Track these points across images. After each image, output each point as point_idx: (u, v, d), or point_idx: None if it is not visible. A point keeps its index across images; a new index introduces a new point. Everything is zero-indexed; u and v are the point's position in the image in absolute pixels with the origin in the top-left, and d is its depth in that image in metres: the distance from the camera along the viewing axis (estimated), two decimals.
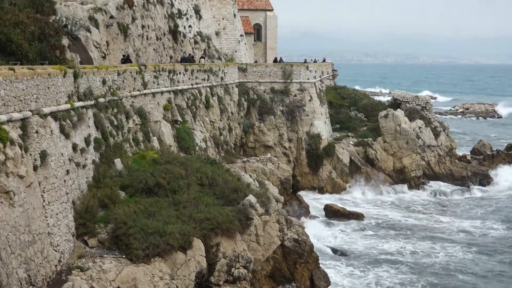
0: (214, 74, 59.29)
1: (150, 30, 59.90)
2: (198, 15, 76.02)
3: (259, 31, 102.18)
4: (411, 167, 70.68)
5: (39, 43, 38.69)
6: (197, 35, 73.78)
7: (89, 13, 49.02)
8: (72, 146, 29.59)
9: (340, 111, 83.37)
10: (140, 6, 58.84)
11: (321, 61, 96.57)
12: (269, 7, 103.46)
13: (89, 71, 33.73)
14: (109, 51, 50.20)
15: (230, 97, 62.72)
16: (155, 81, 45.22)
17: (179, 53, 65.77)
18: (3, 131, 22.79)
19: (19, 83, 24.76)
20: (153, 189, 32.91)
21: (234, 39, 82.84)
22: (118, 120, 37.20)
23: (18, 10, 41.31)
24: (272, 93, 67.51)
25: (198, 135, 51.02)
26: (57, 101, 28.63)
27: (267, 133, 65.90)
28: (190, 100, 52.12)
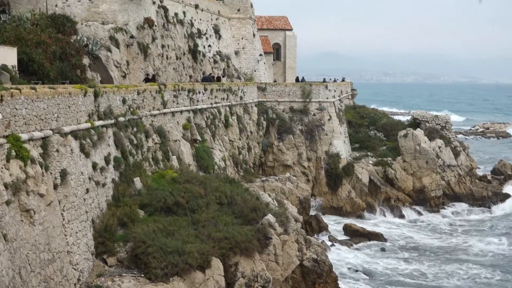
0: (233, 93, 59.46)
1: (170, 50, 60.28)
2: (217, 34, 76.42)
3: (278, 50, 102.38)
4: (431, 187, 70.21)
5: (61, 62, 39.07)
6: (217, 55, 74.11)
7: (110, 33, 49.46)
8: (92, 164, 29.73)
9: (359, 130, 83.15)
10: (160, 26, 59.28)
11: (340, 81, 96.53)
12: (289, 26, 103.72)
13: (109, 90, 33.94)
14: (129, 71, 50.55)
15: (249, 116, 62.82)
16: (175, 100, 45.41)
17: (199, 73, 66.09)
18: (24, 150, 22.96)
19: (40, 102, 24.97)
20: (172, 208, 32.95)
21: (254, 58, 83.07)
22: (138, 139, 37.36)
23: (40, 30, 41.81)
24: (291, 112, 67.52)
25: (217, 154, 51.09)
26: (78, 120, 28.82)
27: (286, 152, 65.84)
28: (210, 119, 52.26)
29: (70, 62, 40.79)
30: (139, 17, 54.92)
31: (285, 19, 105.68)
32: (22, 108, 23.45)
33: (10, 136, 22.49)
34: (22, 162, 22.77)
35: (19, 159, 22.65)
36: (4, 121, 22.17)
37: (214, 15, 76.73)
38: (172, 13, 63.33)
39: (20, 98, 23.30)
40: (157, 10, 59.72)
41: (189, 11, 68.66)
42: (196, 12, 70.70)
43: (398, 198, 68.58)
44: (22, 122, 23.46)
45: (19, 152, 22.71)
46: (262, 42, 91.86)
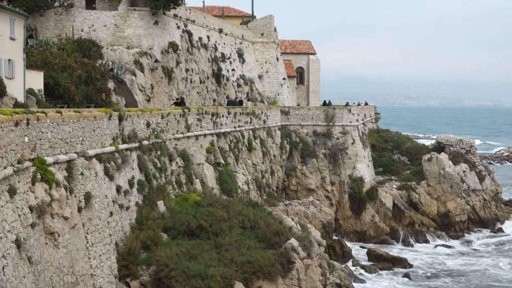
0: (256, 117, 59.60)
1: (194, 74, 60.67)
2: (241, 58, 76.80)
3: (301, 74, 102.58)
4: (456, 212, 69.56)
5: (86, 86, 39.50)
6: (240, 78, 74.44)
7: (135, 57, 49.94)
8: (116, 188, 29.90)
9: (383, 154, 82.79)
10: (184, 50, 59.73)
11: (363, 104, 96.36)
12: (312, 50, 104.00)
13: (133, 114, 34.20)
14: (154, 94, 50.92)
15: (273, 140, 62.86)
16: (198, 123, 45.60)
17: (222, 96, 66.38)
18: (49, 173, 23.17)
19: (66, 125, 25.22)
20: (195, 231, 32.96)
21: (277, 82, 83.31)
22: (162, 163, 37.52)
23: (66, 55, 42.39)
24: (314, 136, 67.46)
25: (241, 178, 51.11)
26: (102, 143, 29.04)
27: (309, 176, 65.69)
28: (233, 143, 52.37)
29: (95, 86, 41.24)
30: (163, 42, 55.41)
31: (309, 43, 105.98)
32: (47, 131, 23.70)
33: (35, 159, 22.72)
34: (47, 185, 22.96)
35: (44, 182, 22.85)
36: (30, 145, 22.41)
37: (238, 39, 77.19)
38: (197, 37, 63.83)
39: (46, 121, 23.55)
40: (182, 34, 60.22)
41: (213, 35, 69.16)
42: (220, 36, 71.19)
43: (422, 223, 68.00)
44: (47, 145, 23.69)
45: (44, 175, 22.91)
46: (286, 66, 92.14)
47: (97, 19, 52.80)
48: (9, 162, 20.44)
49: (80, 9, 53.30)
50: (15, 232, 19.95)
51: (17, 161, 21.12)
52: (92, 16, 52.89)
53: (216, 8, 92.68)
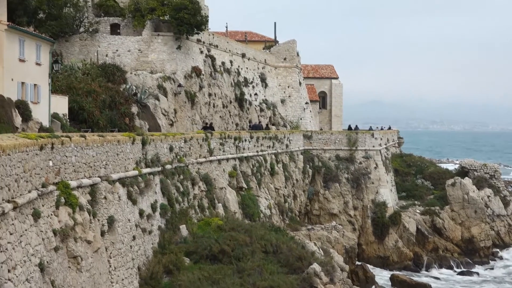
0: (279, 141, 59.64)
1: (217, 98, 60.96)
2: (264, 83, 77.07)
3: (324, 98, 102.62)
4: (480, 237, 68.81)
5: (110, 111, 39.81)
6: (263, 103, 74.64)
7: (158, 82, 50.34)
8: (138, 212, 30.00)
9: (406, 179, 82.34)
10: (207, 74, 60.11)
11: (386, 129, 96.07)
12: (335, 75, 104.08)
13: (157, 138, 34.39)
14: (177, 119, 51.21)
15: (295, 164, 62.81)
16: (221, 148, 45.73)
17: (245, 121, 66.55)
18: (73, 197, 23.34)
19: (90, 149, 25.42)
20: (218, 256, 32.91)
21: (300, 106, 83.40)
22: (184, 187, 37.62)
23: (90, 80, 42.84)
24: (337, 160, 67.29)
25: (263, 202, 51.06)
26: (125, 167, 29.21)
27: (332, 200, 65.44)
28: (255, 167, 52.40)
29: (119, 110, 41.58)
30: (187, 66, 55.83)
31: (331, 68, 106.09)
32: (72, 155, 23.91)
33: (59, 183, 22.91)
34: (70, 209, 23.12)
35: (68, 206, 23.02)
36: (54, 168, 22.61)
37: (260, 64, 77.53)
38: (220, 62, 64.23)
39: (70, 145, 23.77)
40: (205, 59, 60.65)
41: (236, 60, 69.54)
42: (243, 61, 71.56)
43: (446, 248, 67.32)
44: (71, 169, 23.88)
45: (68, 199, 23.09)
46: (308, 90, 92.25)
47: (121, 44, 53.39)
48: (34, 186, 20.63)
49: (105, 35, 53.94)
50: (38, 255, 20.07)
51: (41, 185, 21.31)
52: (117, 41, 53.50)
53: (239, 33, 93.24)
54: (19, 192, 19.23)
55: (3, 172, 17.73)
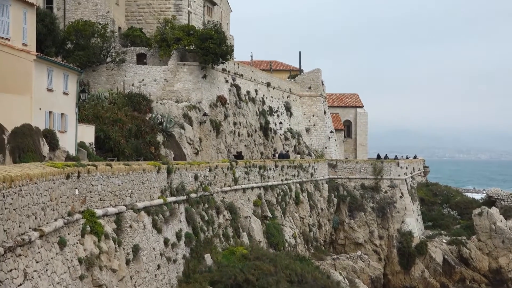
0: (304, 170, 59.55)
1: (242, 127, 61.15)
2: (289, 112, 77.23)
3: (349, 127, 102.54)
4: (508, 268, 67.81)
5: (136, 139, 40.11)
6: (288, 132, 74.72)
7: (184, 111, 50.67)
8: (163, 240, 30.05)
9: (432, 208, 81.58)
10: (232, 103, 60.39)
11: (412, 158, 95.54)
12: (359, 104, 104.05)
13: (182, 167, 34.54)
14: (202, 147, 51.42)
15: (320, 193, 62.61)
16: (246, 176, 45.76)
17: (270, 149, 66.61)
18: (98, 225, 23.47)
19: (116, 178, 25.60)
20: (242, 285, 32.77)
21: (324, 135, 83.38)
22: (209, 215, 37.64)
23: (117, 109, 43.27)
24: (362, 190, 66.98)
25: (288, 231, 50.88)
26: (151, 196, 29.34)
27: (357, 230, 65.03)
28: (280, 196, 52.33)
29: (144, 139, 41.88)
30: (212, 95, 56.18)
31: (356, 97, 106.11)
32: (98, 184, 24.09)
33: (85, 212, 23.07)
34: (96, 238, 23.24)
35: (93, 234, 23.14)
36: (80, 197, 22.79)
37: (285, 93, 77.77)
38: (245, 91, 64.54)
39: (96, 174, 23.96)
40: (230, 88, 61.00)
41: (261, 89, 69.84)
42: (268, 90, 71.84)
43: (473, 279, 66.40)
44: (97, 198, 24.06)
45: (94, 227, 23.22)
46: (333, 119, 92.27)
47: (147, 73, 53.94)
48: (60, 214, 20.79)
49: (131, 64, 54.55)
50: (64, 284, 20.16)
51: (67, 213, 21.48)
52: (143, 71, 54.06)
53: (264, 62, 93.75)
54: (46, 221, 19.39)
55: (30, 201, 17.92)
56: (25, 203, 17.54)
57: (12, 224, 16.49)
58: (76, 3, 55.43)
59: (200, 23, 67.42)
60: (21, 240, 17.09)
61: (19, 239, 17.03)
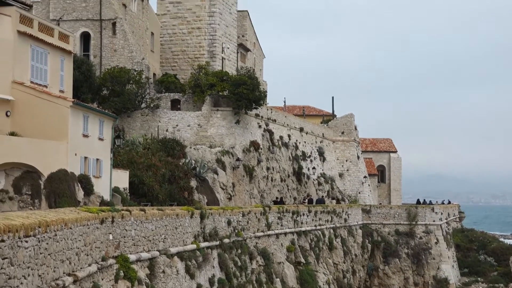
0: (337, 215, 59.18)
1: (275, 172, 61.15)
2: (322, 157, 77.12)
3: (383, 172, 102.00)
4: None
5: (169, 185, 40.30)
6: (321, 177, 74.51)
7: (217, 156, 50.88)
8: (196, 286, 29.94)
9: (468, 254, 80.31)
10: (265, 148, 60.53)
11: (446, 203, 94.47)
12: (393, 148, 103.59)
13: (215, 212, 34.56)
14: (235, 192, 51.47)
15: (354, 239, 62.06)
16: (279, 222, 45.59)
17: (303, 194, 66.43)
18: (132, 271, 23.49)
19: (149, 223, 25.71)
20: None
21: (358, 180, 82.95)
22: (242, 261, 37.47)
23: (151, 154, 43.60)
24: (396, 235, 66.28)
25: (321, 278, 50.38)
26: (184, 241, 29.36)
27: (392, 276, 64.16)
28: (314, 242, 51.97)
29: (178, 184, 42.06)
30: (245, 141, 56.40)
31: (390, 141, 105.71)
32: (131, 229, 24.20)
33: (119, 257, 23.13)
34: (129, 283, 23.25)
35: (126, 280, 23.16)
36: (114, 242, 22.89)
37: (318, 138, 77.79)
38: (277, 136, 64.70)
39: (130, 219, 24.10)
40: (263, 133, 61.21)
41: (294, 134, 69.97)
42: (301, 135, 71.95)
43: None
44: (131, 243, 24.14)
45: (127, 272, 23.25)
46: (367, 164, 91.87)
47: (181, 119, 54.41)
48: (94, 259, 20.88)
49: (165, 110, 55.11)
50: None
51: (101, 258, 21.56)
52: (177, 116, 54.56)
53: (297, 108, 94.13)
54: (80, 266, 19.48)
55: (64, 246, 18.04)
56: (60, 248, 17.66)
57: (46, 269, 16.59)
58: (112, 50, 56.41)
59: (234, 69, 68.11)
60: (55, 285, 17.17)
61: (53, 284, 17.11)
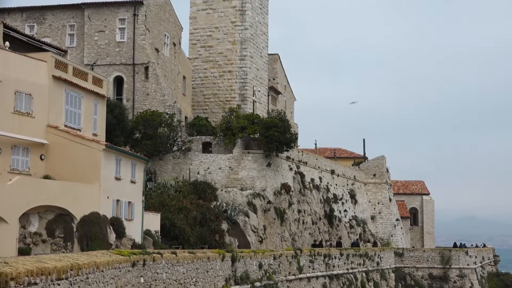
0: (369, 258, 58.55)
1: (306, 215, 60.90)
2: (353, 199, 76.67)
3: (415, 215, 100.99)
4: None
5: (200, 227, 40.35)
6: (353, 219, 73.98)
7: (248, 199, 50.87)
8: None
9: None
10: (296, 191, 60.39)
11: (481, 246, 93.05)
12: (425, 191, 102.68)
13: (246, 255, 34.45)
14: (266, 235, 51.29)
15: (387, 283, 61.26)
16: (311, 265, 45.25)
17: (335, 237, 65.99)
18: None
19: (180, 266, 25.71)
20: None
21: (390, 223, 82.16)
22: None
23: (182, 197, 43.77)
24: (430, 279, 65.31)
25: None
26: (215, 284, 29.27)
27: None
28: (346, 285, 51.41)
29: (209, 227, 42.09)
30: (276, 183, 56.34)
31: (422, 184, 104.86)
32: (162, 272, 24.22)
33: None
34: None
35: None
36: (145, 285, 22.90)
37: (350, 180, 77.45)
38: (309, 179, 64.54)
39: (161, 262, 24.13)
40: (294, 176, 61.11)
41: (325, 176, 69.75)
42: (332, 177, 71.70)
43: None
44: (162, 286, 24.13)
45: None
46: (399, 207, 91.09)
47: (212, 162, 54.60)
48: None
49: (197, 153, 55.38)
50: None
51: None
52: (208, 159, 54.77)
53: (328, 150, 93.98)
54: None
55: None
56: None
57: None
58: (145, 94, 57.08)
59: (265, 111, 68.42)
60: None
61: None
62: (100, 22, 57.38)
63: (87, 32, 57.55)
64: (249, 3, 66.97)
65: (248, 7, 66.86)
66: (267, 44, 72.28)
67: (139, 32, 56.79)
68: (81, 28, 57.96)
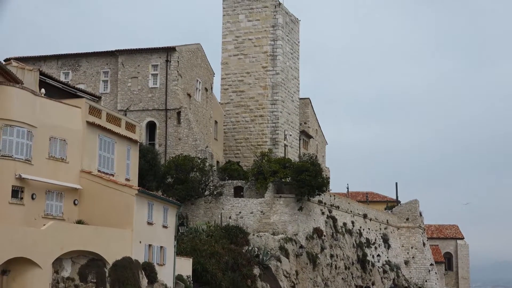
0: None
1: (339, 259, 60.33)
2: (386, 244, 75.83)
3: (450, 259, 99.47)
4: None
5: (232, 272, 40.23)
6: (386, 264, 73.06)
7: (280, 243, 50.64)
8: None
9: None
10: (329, 236, 59.97)
11: None
12: (460, 235, 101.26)
13: None
14: (298, 280, 50.86)
15: None
16: None
17: (368, 283, 65.17)
18: None
19: None
20: None
21: (424, 268, 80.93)
22: None
23: (214, 241, 43.71)
24: None
25: None
26: None
27: None
28: None
29: (241, 272, 41.90)
30: (308, 227, 56.04)
31: (456, 228, 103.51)
32: None
33: None
34: None
35: None
36: None
37: (382, 225, 76.72)
38: (341, 223, 64.11)
39: None
40: (326, 220, 60.76)
41: (358, 220, 69.22)
42: (364, 221, 71.13)
43: None
44: None
45: None
46: (433, 251, 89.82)
47: (244, 206, 54.55)
48: None
49: (228, 197, 55.40)
50: None
51: None
52: (240, 203, 54.74)
53: (360, 194, 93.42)
54: None
55: None
56: None
57: None
58: (177, 139, 57.50)
59: (296, 155, 68.42)
60: None
61: None
62: (133, 69, 58.25)
63: (120, 78, 58.41)
64: (280, 48, 67.60)
65: (279, 52, 67.48)
66: (298, 88, 72.67)
67: (171, 78, 57.49)
68: (115, 74, 58.85)
